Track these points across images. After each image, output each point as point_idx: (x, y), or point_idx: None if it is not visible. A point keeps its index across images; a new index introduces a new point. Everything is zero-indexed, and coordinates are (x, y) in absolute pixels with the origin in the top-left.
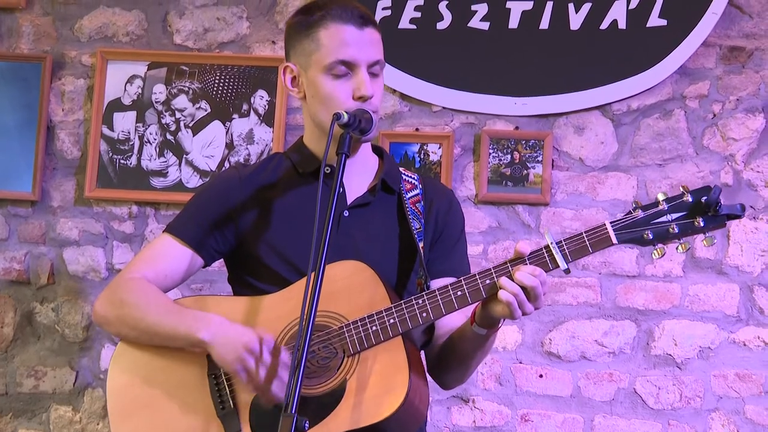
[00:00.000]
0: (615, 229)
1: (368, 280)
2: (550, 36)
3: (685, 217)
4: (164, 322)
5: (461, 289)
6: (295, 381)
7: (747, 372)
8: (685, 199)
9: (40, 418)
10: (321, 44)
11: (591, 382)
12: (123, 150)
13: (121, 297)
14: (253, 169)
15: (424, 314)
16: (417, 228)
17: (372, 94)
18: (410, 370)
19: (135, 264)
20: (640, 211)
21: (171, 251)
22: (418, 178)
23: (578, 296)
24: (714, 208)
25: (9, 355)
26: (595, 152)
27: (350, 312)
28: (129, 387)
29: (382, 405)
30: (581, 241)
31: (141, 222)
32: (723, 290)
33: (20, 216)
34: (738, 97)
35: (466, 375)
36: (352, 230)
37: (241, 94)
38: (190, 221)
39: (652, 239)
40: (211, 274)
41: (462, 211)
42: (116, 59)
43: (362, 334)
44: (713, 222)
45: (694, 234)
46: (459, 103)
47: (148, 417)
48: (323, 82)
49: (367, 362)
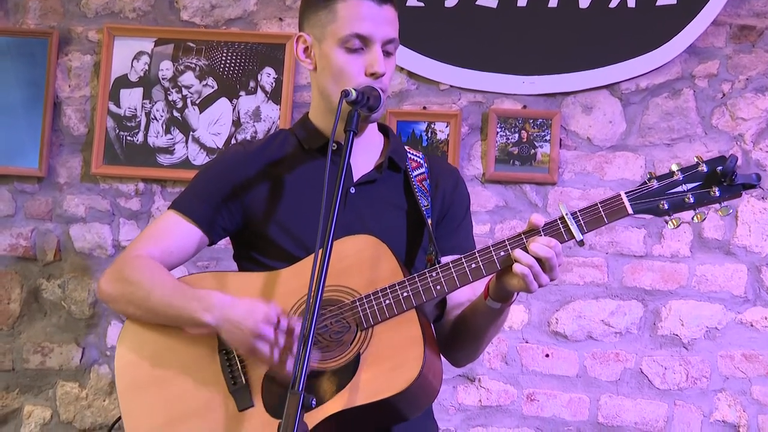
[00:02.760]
0: (630, 199)
1: (380, 254)
2: (558, 14)
3: (700, 186)
4: (168, 302)
5: (475, 261)
6: (302, 358)
7: (754, 352)
8: (700, 168)
9: (46, 395)
10: (338, 16)
11: (597, 362)
12: (130, 127)
13: (125, 275)
14: (258, 145)
15: (438, 287)
16: (425, 205)
17: (384, 72)
18: (425, 343)
19: (140, 241)
20: (654, 182)
21: (176, 228)
22: (423, 156)
23: (585, 276)
24: (730, 177)
25: (15, 331)
26: (603, 131)
27: (362, 286)
28: (138, 364)
29: (397, 379)
30: (596, 211)
31: (147, 199)
32: (730, 271)
33: (27, 192)
34: (747, 77)
35: (478, 352)
36: (359, 207)
37: (248, 71)
38: (196, 198)
39: (668, 209)
40: (217, 251)
41: (467, 190)
42: (123, 35)
43: (375, 307)
44: (729, 191)
45: (709, 204)
46: (467, 81)
47: (159, 393)
48: (336, 54)
49: (380, 336)
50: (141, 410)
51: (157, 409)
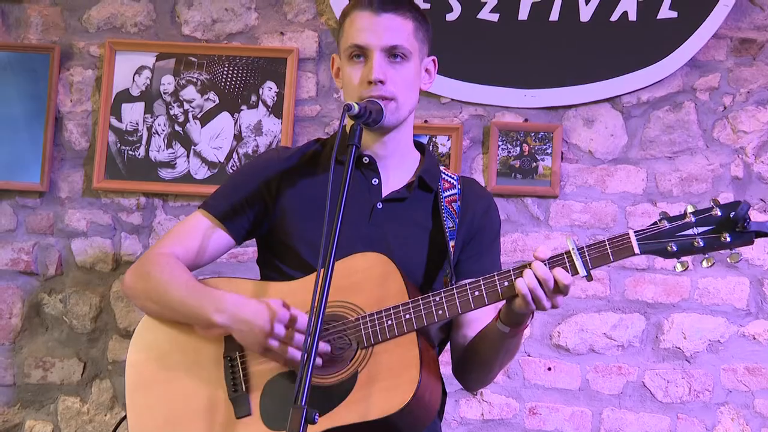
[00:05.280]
0: (639, 238)
1: (388, 273)
2: (559, 28)
3: (711, 231)
4: (183, 300)
5: (479, 289)
6: (305, 373)
7: (756, 366)
8: (713, 213)
9: (47, 409)
10: (344, 31)
11: (599, 376)
12: (131, 141)
13: (147, 270)
14: (292, 152)
15: (440, 312)
16: (450, 227)
17: (377, 79)
18: (421, 366)
19: (166, 239)
20: (665, 222)
21: (201, 227)
22: (458, 178)
23: (587, 289)
24: (742, 224)
25: (17, 346)
26: (605, 145)
27: (367, 304)
28: (147, 361)
29: (391, 400)
30: (603, 248)
31: (149, 213)
32: (733, 283)
33: (28, 207)
34: (749, 90)
35: (489, 377)
36: (385, 223)
37: (249, 86)
38: (223, 198)
39: (676, 251)
40: (220, 266)
41: (499, 216)
42: (124, 50)
43: (377, 327)
44: (740, 238)
45: (720, 249)
46: (468, 94)
47: (162, 392)
48: (344, 67)
49: (379, 356)
50: (144, 408)
51: (158, 408)
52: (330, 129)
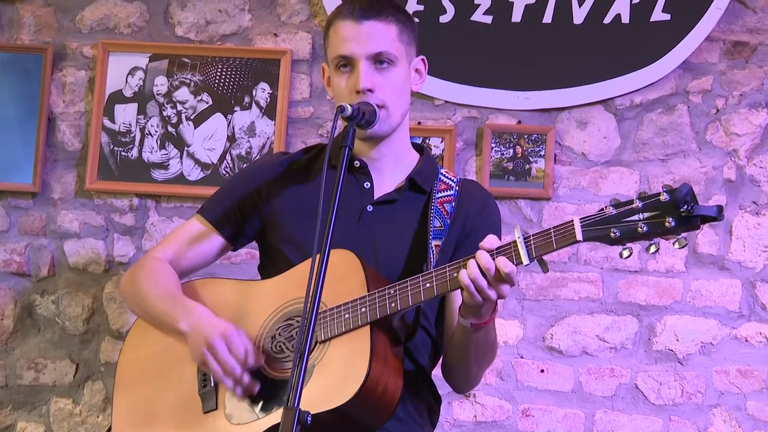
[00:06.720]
0: (583, 225)
1: (352, 268)
2: (553, 30)
3: (656, 216)
4: (159, 306)
5: (430, 280)
6: (297, 375)
7: (749, 368)
8: (661, 197)
9: (40, 411)
10: (330, 42)
11: (592, 378)
12: (124, 142)
13: (137, 274)
14: (286, 158)
15: (392, 304)
16: (437, 227)
17: (365, 87)
18: (372, 358)
19: (161, 244)
20: (612, 209)
21: (195, 232)
22: (458, 180)
23: (580, 291)
24: (687, 209)
25: (9, 347)
26: (598, 147)
27: (330, 299)
28: (134, 362)
29: (338, 392)
30: (548, 236)
31: (142, 214)
32: (725, 286)
33: (21, 208)
34: (741, 93)
35: (470, 376)
36: (373, 225)
37: (242, 87)
38: (218, 203)
39: (620, 237)
40: (213, 267)
41: (498, 215)
42: (118, 51)
43: (335, 321)
44: (685, 223)
45: (664, 235)
46: (461, 96)
47: (143, 391)
48: (333, 77)
49: (335, 349)
50: (127, 407)
51: (139, 406)
52: (323, 130)
